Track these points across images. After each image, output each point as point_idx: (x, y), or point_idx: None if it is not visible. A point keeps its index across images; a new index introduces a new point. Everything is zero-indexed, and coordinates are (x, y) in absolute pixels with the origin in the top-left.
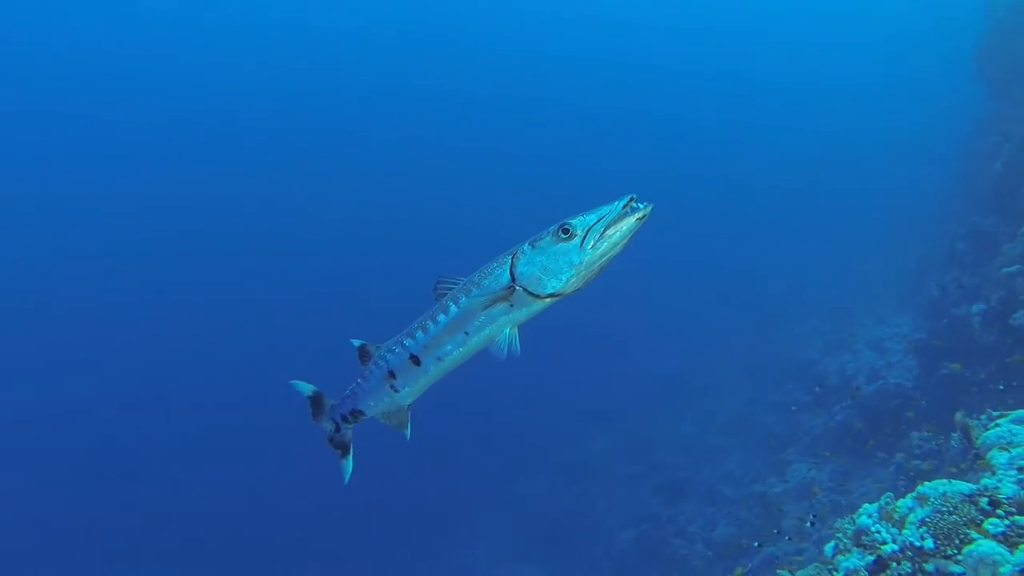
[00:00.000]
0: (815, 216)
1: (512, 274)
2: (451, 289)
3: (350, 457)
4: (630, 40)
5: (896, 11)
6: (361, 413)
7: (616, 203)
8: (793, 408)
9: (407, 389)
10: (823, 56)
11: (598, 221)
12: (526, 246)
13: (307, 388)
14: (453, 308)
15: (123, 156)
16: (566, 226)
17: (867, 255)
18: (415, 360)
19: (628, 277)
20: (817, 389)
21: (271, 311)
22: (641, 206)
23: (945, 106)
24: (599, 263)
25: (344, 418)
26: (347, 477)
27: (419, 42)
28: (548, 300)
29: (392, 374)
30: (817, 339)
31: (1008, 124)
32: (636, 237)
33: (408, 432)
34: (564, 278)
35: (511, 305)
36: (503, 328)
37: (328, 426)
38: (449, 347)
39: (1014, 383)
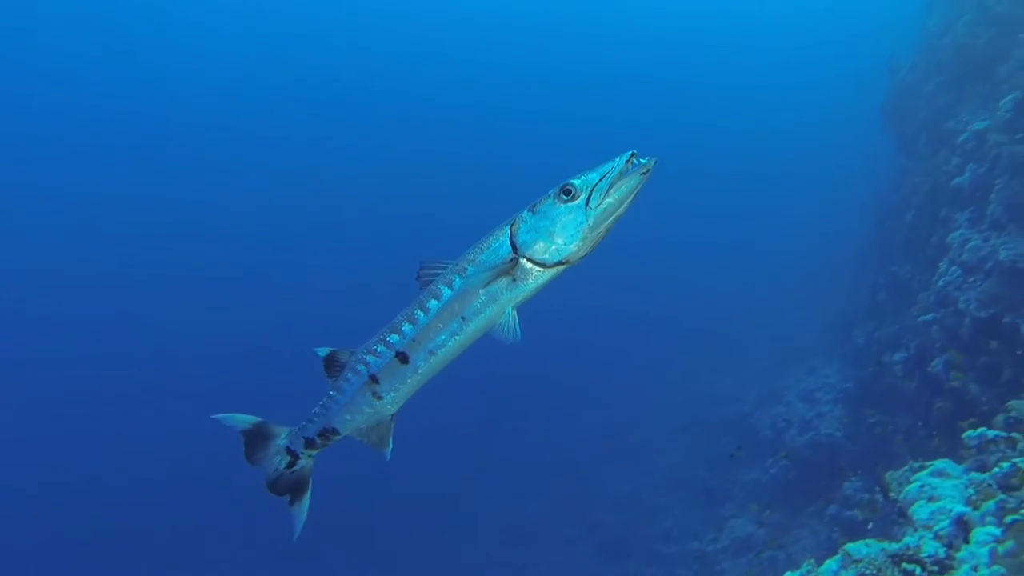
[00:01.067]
0: (744, 267)
1: (513, 244)
2: (439, 275)
3: (307, 496)
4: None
5: (813, 71)
6: (334, 432)
7: (618, 159)
8: (728, 462)
9: (392, 394)
10: (750, 114)
11: (601, 179)
12: (525, 213)
13: (244, 421)
14: (446, 291)
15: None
16: (568, 186)
17: (796, 305)
18: (402, 358)
19: (553, 329)
20: (738, 451)
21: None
22: (644, 160)
23: (862, 159)
24: (606, 224)
25: (310, 443)
26: (300, 526)
27: (405, 42)
28: (555, 270)
29: (374, 378)
30: (749, 391)
31: (915, 177)
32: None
33: (389, 450)
34: (571, 242)
35: (514, 280)
36: (505, 308)
37: (277, 461)
38: (443, 337)
39: (935, 432)
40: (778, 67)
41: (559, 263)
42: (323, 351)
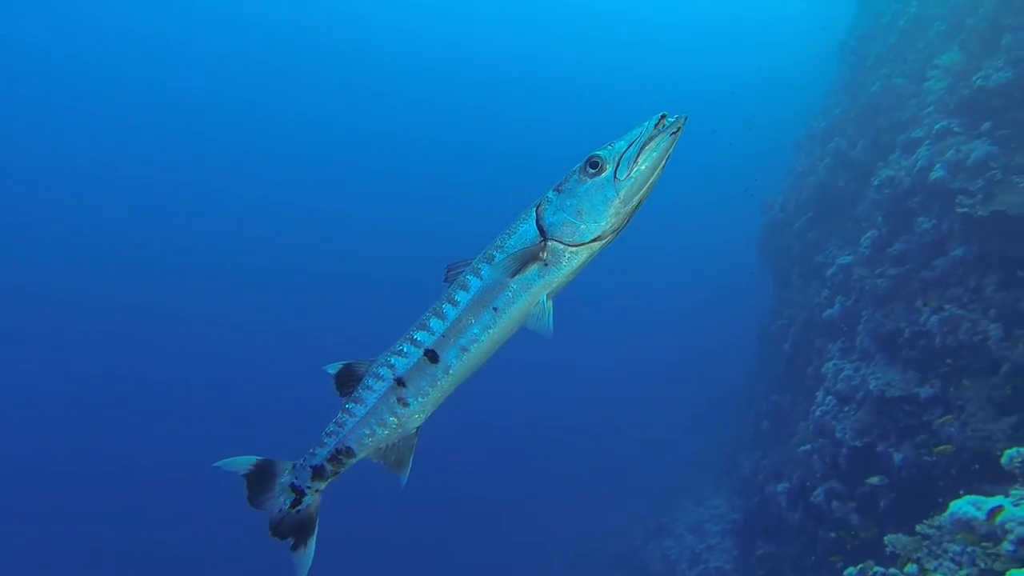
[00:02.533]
0: (636, 393)
1: (540, 227)
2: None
3: (312, 540)
4: None
5: (699, 196)
6: (348, 453)
7: (646, 123)
8: None
9: (421, 400)
10: (641, 244)
11: (629, 146)
12: (550, 193)
13: (245, 463)
14: (475, 281)
15: None
16: (594, 159)
17: (687, 431)
18: (431, 356)
19: (435, 462)
20: None
21: None
22: (672, 119)
23: (749, 290)
24: (639, 195)
25: (318, 472)
26: (305, 572)
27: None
28: (588, 250)
29: (401, 382)
30: (640, 524)
31: (791, 308)
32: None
33: (407, 473)
34: (601, 219)
35: (546, 264)
36: (539, 296)
37: (281, 502)
38: (476, 330)
39: (822, 562)
40: (671, 197)
41: (592, 241)
42: (334, 367)
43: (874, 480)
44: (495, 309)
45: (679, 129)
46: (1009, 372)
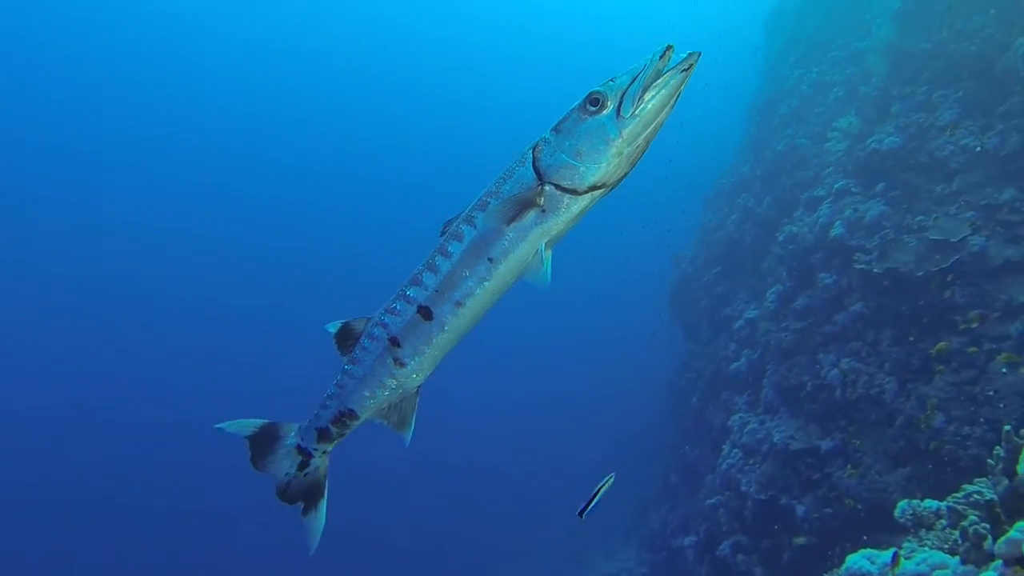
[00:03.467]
0: (545, 443)
1: (537, 170)
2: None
3: (323, 503)
4: None
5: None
6: (352, 415)
7: (649, 56)
8: None
9: (418, 359)
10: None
11: (633, 81)
12: (548, 133)
13: (249, 425)
14: (468, 231)
15: None
16: (594, 95)
17: (598, 483)
18: (425, 313)
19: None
20: None
21: None
22: (683, 55)
23: (659, 342)
24: (644, 135)
25: (323, 434)
26: (317, 538)
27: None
28: (589, 196)
29: (395, 341)
30: None
31: (699, 361)
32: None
33: (410, 432)
34: (602, 161)
35: (543, 211)
36: (536, 245)
37: (287, 465)
38: (471, 283)
39: None
40: (577, 249)
41: (592, 187)
42: (334, 325)
43: (801, 540)
44: (490, 260)
45: (691, 66)
46: (903, 425)
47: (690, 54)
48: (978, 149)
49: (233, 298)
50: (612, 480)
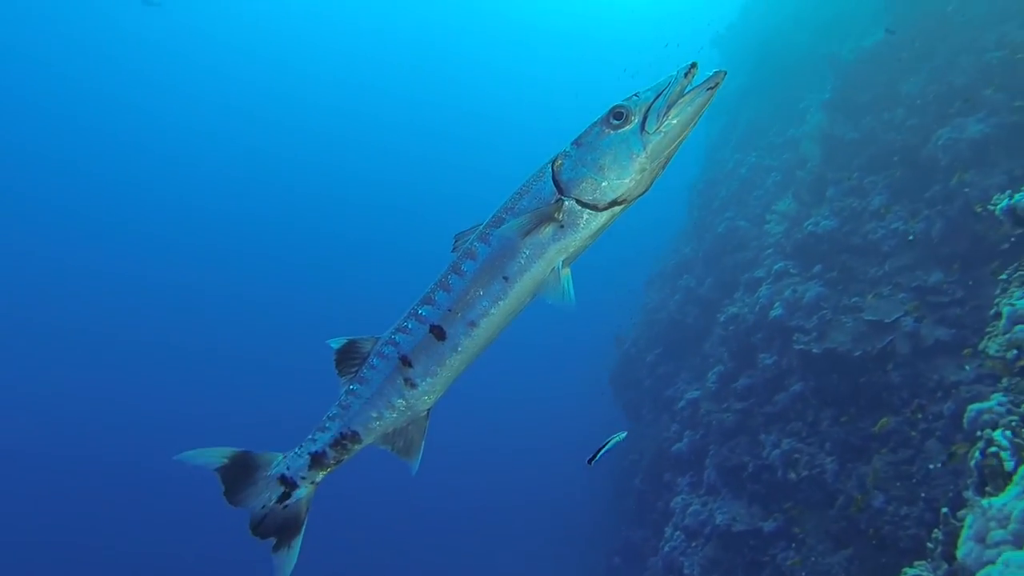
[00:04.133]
0: (486, 536)
1: (557, 184)
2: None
3: (298, 540)
4: None
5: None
6: (354, 438)
7: (674, 72)
8: None
9: (429, 380)
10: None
11: (657, 97)
12: (569, 147)
13: (217, 456)
14: (483, 249)
15: None
16: (618, 109)
17: (539, 572)
18: (438, 333)
19: None
20: None
21: None
22: (709, 73)
23: (599, 425)
24: (667, 151)
25: (318, 459)
26: (287, 574)
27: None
28: (609, 212)
29: (406, 360)
30: None
31: (642, 443)
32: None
33: (418, 460)
34: (624, 177)
35: (561, 227)
36: (553, 263)
37: (267, 497)
38: (485, 303)
39: None
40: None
41: (612, 203)
42: (338, 341)
43: None
44: (505, 279)
45: (716, 85)
46: (843, 505)
47: (716, 72)
48: (910, 238)
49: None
50: (623, 436)
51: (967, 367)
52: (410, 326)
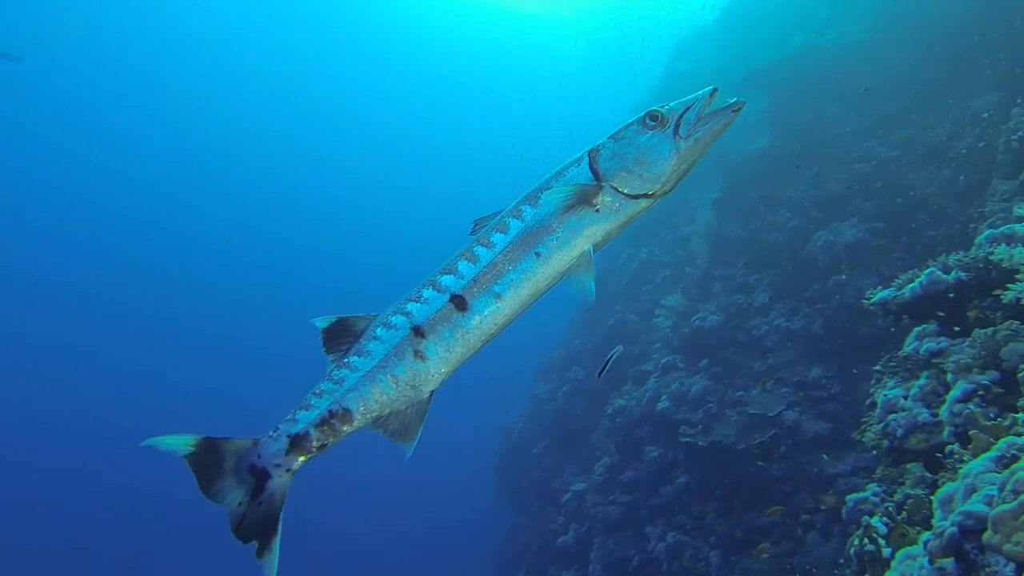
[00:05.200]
0: None
1: (595, 171)
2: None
3: (276, 540)
4: None
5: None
6: (347, 416)
7: (700, 93)
8: None
9: (443, 356)
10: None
11: (687, 110)
12: (606, 140)
13: (182, 443)
14: (515, 223)
15: None
16: (654, 113)
17: None
18: (459, 303)
19: None
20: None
21: None
22: (732, 100)
23: (484, 516)
24: (693, 158)
25: (298, 442)
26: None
27: None
28: (636, 204)
29: (419, 331)
30: None
31: (527, 534)
32: None
33: (414, 443)
34: (660, 171)
35: (597, 211)
36: (584, 247)
37: (238, 494)
38: (514, 275)
39: None
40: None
41: (643, 195)
42: (324, 320)
43: None
44: (538, 255)
45: (738, 110)
46: None
47: (738, 100)
48: (791, 333)
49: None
50: (620, 350)
51: (844, 459)
52: (427, 295)
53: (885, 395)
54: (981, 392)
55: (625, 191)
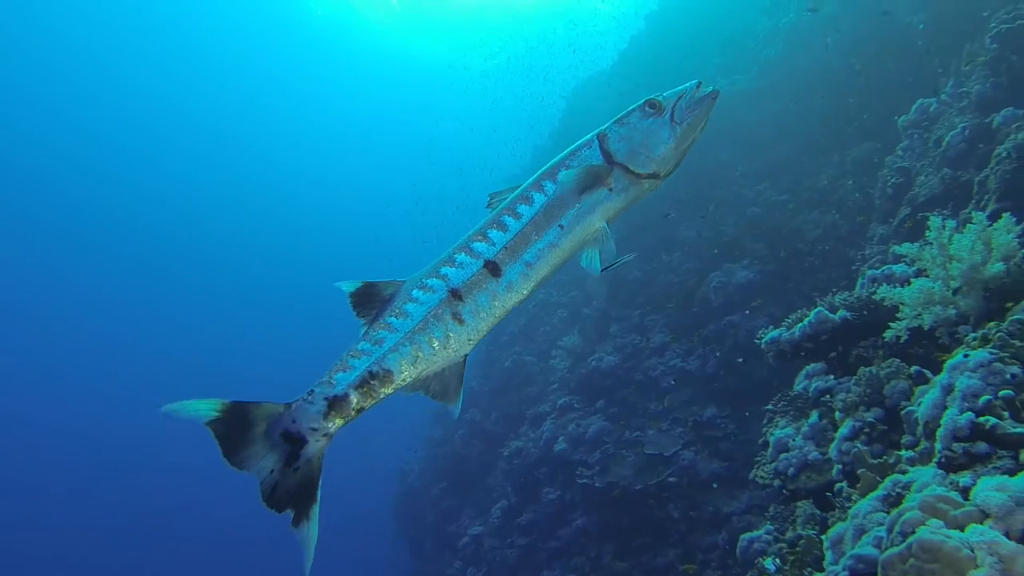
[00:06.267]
0: None
1: (606, 152)
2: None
3: (316, 507)
4: None
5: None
6: (388, 377)
7: (689, 85)
8: None
9: (477, 319)
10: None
11: (680, 98)
12: (612, 125)
13: (206, 408)
14: (539, 196)
15: None
16: (653, 101)
17: None
18: (493, 269)
19: None
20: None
21: None
22: (710, 88)
23: (381, 564)
24: (688, 141)
25: (336, 404)
26: (311, 552)
27: None
28: (645, 184)
29: (456, 294)
30: None
31: None
32: None
33: (459, 404)
34: (664, 151)
35: (610, 190)
36: (598, 222)
37: (271, 460)
38: (540, 245)
39: None
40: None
41: (651, 175)
42: (351, 284)
43: None
44: (561, 227)
45: (715, 97)
46: None
47: (715, 90)
48: (686, 373)
49: None
50: (632, 256)
51: (739, 498)
52: (461, 259)
53: (776, 435)
54: (867, 430)
55: (635, 170)
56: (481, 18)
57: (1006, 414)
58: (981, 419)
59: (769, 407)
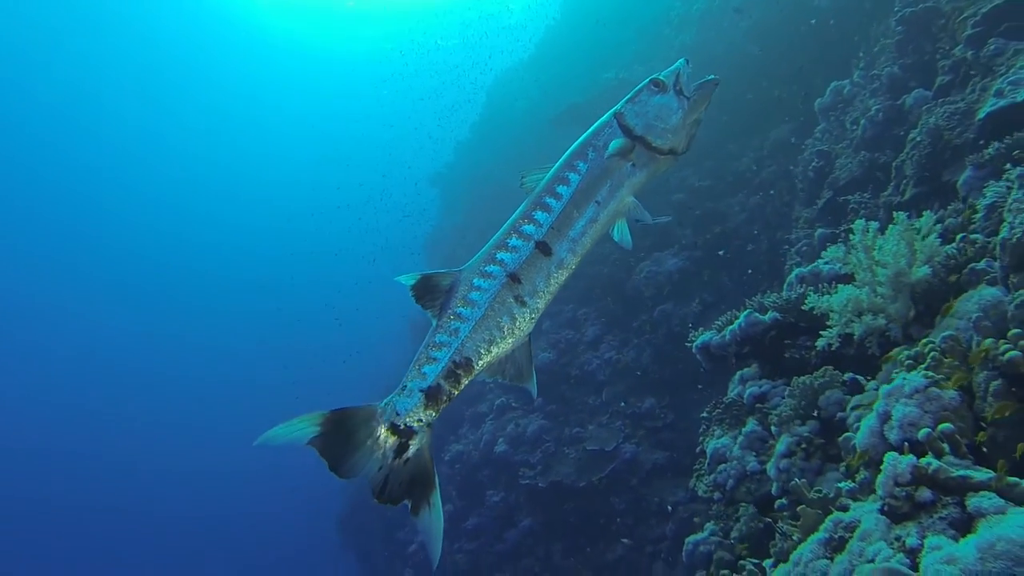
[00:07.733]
0: None
1: (625, 129)
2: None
3: (436, 493)
4: None
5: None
6: (468, 365)
7: (680, 63)
8: None
9: (536, 299)
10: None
11: (678, 76)
12: (625, 104)
13: (306, 427)
14: (574, 177)
15: None
16: (657, 80)
17: None
18: (544, 249)
19: None
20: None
21: None
22: (712, 76)
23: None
24: (697, 111)
25: (432, 395)
26: (439, 539)
27: None
28: (665, 160)
29: (515, 278)
30: None
31: None
32: None
33: (534, 382)
34: (676, 126)
35: (633, 165)
36: (627, 196)
37: (380, 455)
38: (582, 223)
39: None
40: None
41: (670, 151)
42: (410, 278)
43: None
44: (597, 203)
45: (716, 84)
46: None
47: (715, 78)
48: (622, 365)
49: None
50: (669, 218)
51: (683, 486)
52: (514, 243)
53: (713, 444)
54: (804, 445)
55: (655, 145)
56: (399, 12)
57: (946, 447)
58: (923, 461)
59: (704, 414)
